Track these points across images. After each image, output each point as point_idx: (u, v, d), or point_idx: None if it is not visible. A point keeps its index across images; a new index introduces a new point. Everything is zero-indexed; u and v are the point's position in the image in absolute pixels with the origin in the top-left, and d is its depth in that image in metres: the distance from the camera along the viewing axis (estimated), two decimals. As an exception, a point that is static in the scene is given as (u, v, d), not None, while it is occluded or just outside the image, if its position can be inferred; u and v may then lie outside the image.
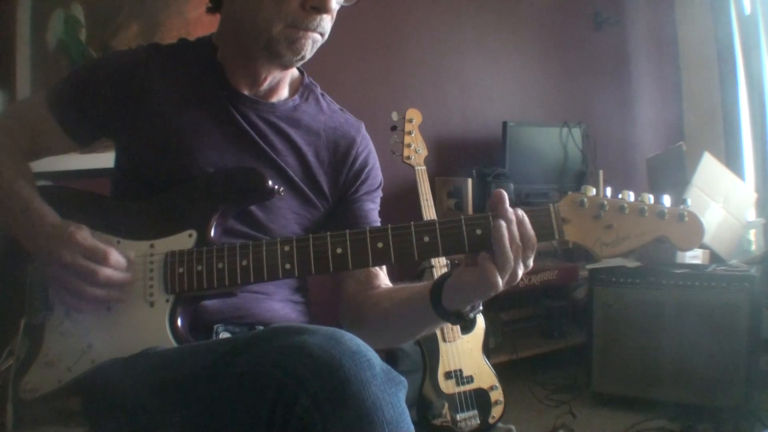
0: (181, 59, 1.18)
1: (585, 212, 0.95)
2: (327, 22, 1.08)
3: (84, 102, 1.14)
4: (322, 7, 1.04)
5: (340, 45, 2.75)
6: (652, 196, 0.96)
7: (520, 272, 0.93)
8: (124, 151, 1.19)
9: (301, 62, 1.13)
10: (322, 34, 1.10)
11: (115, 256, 1.01)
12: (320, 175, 1.21)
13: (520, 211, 0.94)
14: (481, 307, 1.03)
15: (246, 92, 1.17)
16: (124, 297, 1.02)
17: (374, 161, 1.29)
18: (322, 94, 1.28)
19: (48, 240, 1.01)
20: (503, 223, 0.92)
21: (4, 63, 2.24)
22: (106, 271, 0.99)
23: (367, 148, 1.28)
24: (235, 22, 1.14)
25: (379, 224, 1.26)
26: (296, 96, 1.22)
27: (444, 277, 1.00)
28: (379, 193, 1.31)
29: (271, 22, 1.05)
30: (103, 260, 0.99)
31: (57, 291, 1.02)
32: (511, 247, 0.91)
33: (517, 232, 0.92)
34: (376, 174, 1.29)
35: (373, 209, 1.28)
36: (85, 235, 1.01)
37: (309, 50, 1.09)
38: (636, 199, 0.96)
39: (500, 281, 0.91)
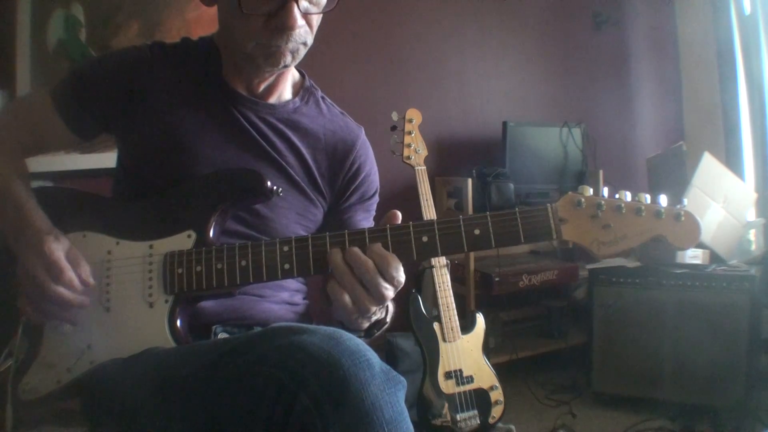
0: (183, 58, 1.19)
1: (582, 212, 0.95)
2: (301, 34, 1.07)
3: (87, 97, 1.15)
4: (285, 26, 1.04)
5: (341, 45, 2.77)
6: (648, 196, 0.96)
7: (389, 292, 0.94)
8: (125, 148, 1.20)
9: (287, 68, 1.14)
10: (303, 44, 1.09)
11: (69, 276, 0.99)
12: (319, 177, 1.22)
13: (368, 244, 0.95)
14: (376, 332, 1.04)
15: (244, 93, 1.17)
16: (73, 318, 1.02)
17: (371, 168, 1.30)
18: (323, 98, 1.28)
19: (26, 244, 1.01)
20: (335, 251, 0.94)
21: (4, 63, 2.24)
22: (57, 289, 0.98)
23: (365, 154, 1.28)
24: (222, 30, 1.16)
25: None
26: (297, 98, 1.23)
27: None
28: (375, 200, 1.31)
29: (244, 40, 1.06)
30: (56, 278, 0.99)
31: (20, 298, 1.03)
32: (359, 269, 0.92)
33: (363, 256, 0.93)
34: (372, 181, 1.29)
35: (364, 219, 1.28)
36: (54, 247, 1.00)
37: (289, 60, 1.09)
38: (633, 198, 0.96)
39: (347, 298, 0.92)
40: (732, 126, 3.48)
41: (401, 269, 0.93)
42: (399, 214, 0.98)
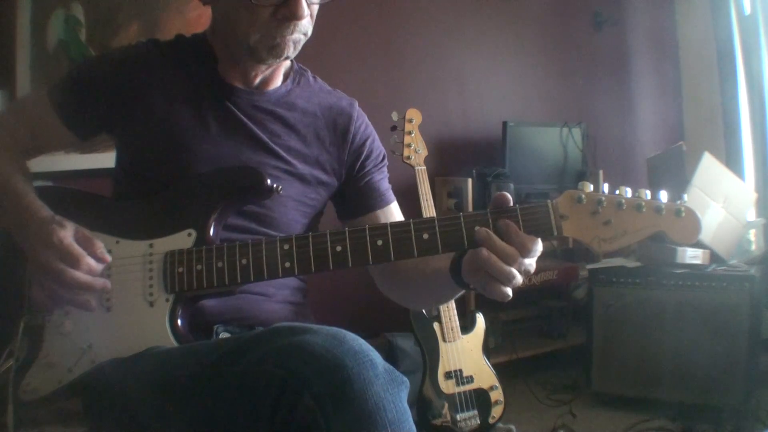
0: (178, 55, 1.20)
1: (583, 208, 0.95)
2: (304, 25, 1.08)
3: (85, 96, 1.15)
4: (293, 16, 1.04)
5: (341, 45, 2.78)
6: (649, 192, 0.96)
7: (532, 267, 0.95)
8: (124, 147, 1.20)
9: (287, 59, 1.14)
10: (304, 34, 1.10)
11: (86, 261, 1.00)
12: (323, 155, 1.22)
13: (505, 221, 0.94)
14: None
15: (240, 86, 1.18)
16: (93, 304, 1.01)
17: (373, 134, 1.31)
18: (314, 77, 1.29)
19: (32, 236, 1.01)
20: (484, 251, 0.92)
21: (4, 63, 2.24)
22: (74, 275, 0.98)
23: (364, 122, 1.30)
24: (220, 26, 1.16)
25: (391, 193, 1.29)
26: (288, 81, 1.24)
27: (459, 256, 1.00)
28: (386, 163, 1.32)
29: (248, 32, 1.06)
30: (75, 264, 0.99)
31: (34, 288, 1.03)
32: (507, 262, 0.92)
33: (509, 247, 0.92)
34: (378, 146, 1.31)
35: (382, 179, 1.29)
36: (64, 234, 1.00)
37: (291, 51, 1.10)
38: (633, 194, 0.96)
39: (510, 293, 0.94)
40: (732, 126, 3.48)
41: (539, 245, 0.94)
42: (508, 196, 0.97)
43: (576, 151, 3.18)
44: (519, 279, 0.93)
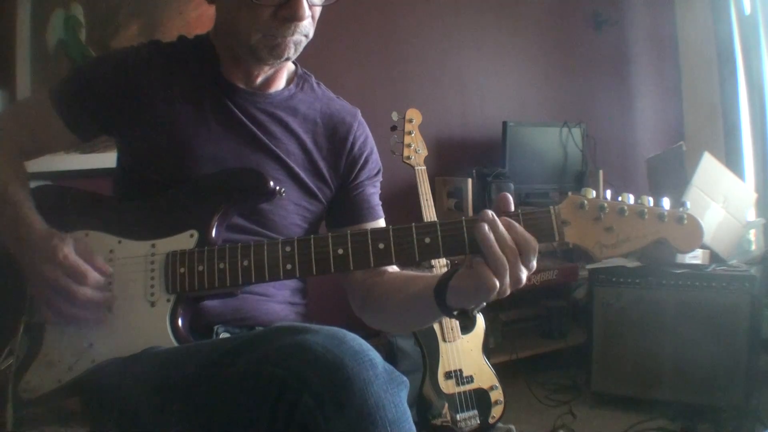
0: (180, 56, 1.20)
1: (585, 214, 0.95)
2: (305, 26, 1.08)
3: (86, 97, 1.16)
4: (293, 17, 1.05)
5: (341, 45, 2.78)
6: (651, 199, 0.96)
7: (523, 275, 0.92)
8: (125, 148, 1.20)
9: (288, 60, 1.14)
10: (305, 36, 1.10)
11: (93, 276, 1.01)
12: (320, 162, 1.22)
13: (507, 219, 0.92)
14: (484, 304, 1.01)
15: (242, 86, 1.18)
16: (102, 317, 1.03)
17: (372, 147, 1.30)
18: (318, 83, 1.29)
19: (33, 251, 1.02)
20: (485, 226, 0.90)
21: (4, 63, 2.23)
22: (86, 291, 1.00)
23: (364, 133, 1.29)
24: (222, 25, 1.16)
25: (380, 208, 1.28)
26: (292, 86, 1.24)
27: (447, 277, 0.99)
28: (379, 178, 1.31)
29: (249, 32, 1.07)
30: (83, 280, 1.00)
31: (39, 304, 1.03)
32: (503, 250, 0.89)
33: (508, 236, 0.90)
34: (374, 159, 1.30)
35: (374, 193, 1.29)
36: (67, 251, 1.00)
37: (292, 52, 1.10)
38: (635, 201, 0.96)
39: (497, 284, 0.89)
40: (732, 126, 3.48)
41: (536, 249, 0.92)
42: (509, 197, 0.96)
43: (576, 151, 3.18)
44: (507, 278, 0.90)
